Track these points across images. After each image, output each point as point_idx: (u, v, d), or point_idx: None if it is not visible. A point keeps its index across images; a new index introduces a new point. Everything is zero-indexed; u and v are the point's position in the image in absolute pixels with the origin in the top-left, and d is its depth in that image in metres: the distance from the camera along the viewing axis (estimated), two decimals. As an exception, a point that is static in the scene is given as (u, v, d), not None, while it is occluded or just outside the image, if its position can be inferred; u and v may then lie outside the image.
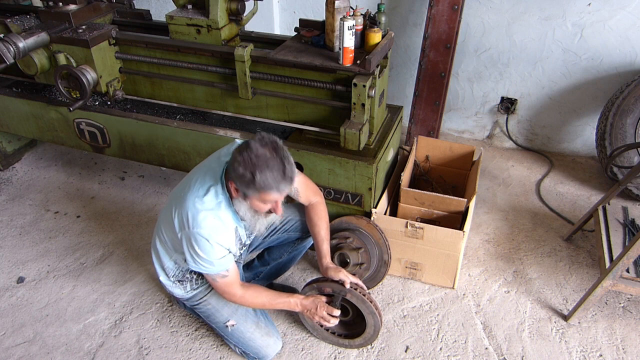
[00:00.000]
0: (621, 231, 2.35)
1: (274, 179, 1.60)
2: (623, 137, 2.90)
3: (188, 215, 1.73)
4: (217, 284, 1.86)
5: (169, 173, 3.36)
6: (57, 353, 2.23)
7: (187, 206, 1.74)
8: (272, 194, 1.64)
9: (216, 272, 1.81)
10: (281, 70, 2.34)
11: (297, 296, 2.01)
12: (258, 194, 1.64)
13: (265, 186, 1.60)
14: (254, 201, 1.70)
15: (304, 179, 2.05)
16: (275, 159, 1.61)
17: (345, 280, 2.00)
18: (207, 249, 1.73)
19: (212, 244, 1.72)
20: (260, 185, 1.60)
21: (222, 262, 1.79)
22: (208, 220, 1.72)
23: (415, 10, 3.33)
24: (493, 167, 3.39)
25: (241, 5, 2.40)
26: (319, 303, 1.99)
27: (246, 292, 1.91)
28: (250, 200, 1.70)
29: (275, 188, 1.62)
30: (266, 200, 1.68)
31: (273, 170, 1.60)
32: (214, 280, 1.86)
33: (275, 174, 1.60)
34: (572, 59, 3.14)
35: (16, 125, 2.98)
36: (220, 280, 1.84)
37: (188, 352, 2.22)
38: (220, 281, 1.85)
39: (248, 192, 1.65)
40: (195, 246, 1.73)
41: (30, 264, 2.68)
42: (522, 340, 2.24)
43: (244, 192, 1.67)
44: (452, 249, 2.33)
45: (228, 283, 1.86)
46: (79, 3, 2.64)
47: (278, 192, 1.64)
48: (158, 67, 2.57)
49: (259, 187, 1.61)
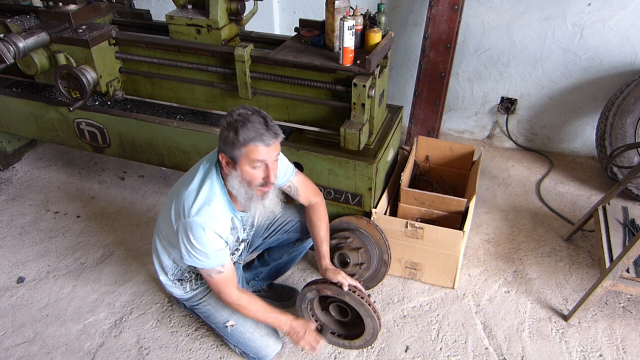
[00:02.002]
0: (621, 231, 2.35)
1: (257, 131, 1.61)
2: (623, 137, 2.90)
3: (184, 204, 1.73)
4: (214, 281, 1.84)
5: (169, 173, 3.36)
6: (57, 353, 2.23)
7: (183, 197, 1.74)
8: (258, 147, 1.62)
9: (211, 266, 1.79)
10: (281, 70, 2.34)
11: (288, 316, 1.98)
12: (244, 150, 1.62)
13: (249, 139, 1.60)
14: (244, 166, 1.66)
15: (304, 179, 2.05)
16: (256, 115, 1.63)
17: (344, 282, 1.99)
18: (202, 237, 1.71)
19: (208, 232, 1.71)
20: (244, 139, 1.60)
21: (217, 254, 1.77)
22: (203, 209, 1.71)
23: (415, 10, 3.33)
24: (493, 167, 3.39)
25: (241, 5, 2.40)
26: (307, 328, 1.98)
27: (242, 296, 1.89)
28: (240, 167, 1.67)
29: (259, 139, 1.61)
30: (254, 161, 1.65)
31: (255, 123, 1.61)
32: (209, 277, 1.83)
33: (258, 126, 1.61)
34: (572, 59, 3.14)
35: (16, 125, 2.98)
36: (216, 277, 1.82)
37: (188, 352, 2.22)
38: (216, 277, 1.82)
39: (235, 153, 1.64)
40: (190, 235, 1.71)
41: (30, 264, 2.68)
42: (522, 340, 2.24)
43: (232, 158, 1.66)
44: (452, 249, 2.33)
45: (224, 280, 1.84)
46: (79, 3, 2.64)
47: (263, 143, 1.62)
48: (158, 67, 2.58)
49: (243, 141, 1.60)
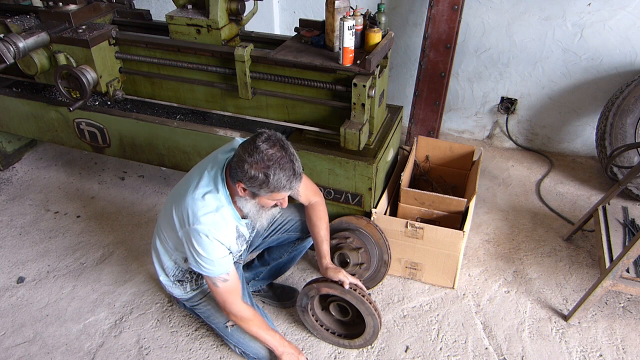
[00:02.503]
0: (621, 231, 2.35)
1: (287, 179, 1.62)
2: (623, 137, 2.90)
3: (188, 212, 1.73)
4: (219, 290, 1.83)
5: (169, 173, 3.36)
6: (57, 353, 2.23)
7: (187, 203, 1.74)
8: (284, 192, 1.68)
9: (217, 274, 1.79)
10: (281, 70, 2.34)
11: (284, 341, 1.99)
12: (270, 193, 1.66)
13: (278, 186, 1.63)
14: (263, 199, 1.71)
15: (304, 179, 2.05)
16: (285, 157, 1.62)
17: (345, 281, 2.00)
18: (206, 245, 1.72)
19: (212, 240, 1.71)
20: (274, 186, 1.62)
21: (222, 262, 1.77)
22: (208, 217, 1.71)
23: (415, 10, 3.33)
24: (493, 167, 3.39)
25: (241, 5, 2.40)
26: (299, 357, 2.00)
27: (246, 309, 1.89)
28: (259, 198, 1.72)
29: (288, 187, 1.65)
30: (276, 198, 1.71)
31: (285, 169, 1.61)
32: (214, 285, 1.82)
33: (288, 173, 1.62)
34: (572, 59, 3.14)
35: (16, 125, 2.98)
36: (221, 286, 1.81)
37: (188, 352, 2.22)
38: (221, 286, 1.81)
39: (260, 192, 1.67)
40: (195, 243, 1.72)
41: (30, 264, 2.68)
42: (522, 340, 2.24)
43: (253, 192, 1.68)
44: (452, 249, 2.33)
45: (229, 290, 1.83)
46: (79, 3, 2.64)
47: (290, 190, 1.68)
48: (158, 67, 2.57)
49: (272, 188, 1.63)
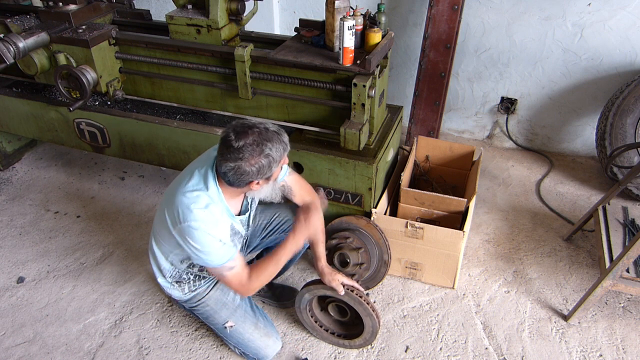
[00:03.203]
0: (621, 231, 2.35)
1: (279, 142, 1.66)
2: (623, 137, 2.90)
3: (178, 210, 1.71)
4: (227, 279, 1.80)
5: (169, 173, 3.36)
6: (57, 353, 2.23)
7: (177, 202, 1.72)
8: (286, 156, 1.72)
9: (221, 263, 1.75)
10: (281, 70, 2.34)
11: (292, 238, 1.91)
12: (278, 165, 1.70)
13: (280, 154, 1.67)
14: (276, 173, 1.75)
15: (299, 179, 2.04)
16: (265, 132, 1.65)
17: (339, 289, 2.00)
18: (200, 239, 1.70)
19: (205, 233, 1.70)
20: (278, 157, 1.67)
21: (221, 250, 1.74)
22: (198, 213, 1.69)
23: (415, 10, 3.33)
24: (493, 167, 3.39)
25: (241, 5, 2.40)
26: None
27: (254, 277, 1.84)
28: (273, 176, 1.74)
29: (286, 144, 1.70)
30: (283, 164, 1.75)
31: (273, 140, 1.65)
32: (222, 276, 1.79)
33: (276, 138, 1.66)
34: (572, 59, 3.14)
35: (16, 125, 2.98)
36: (228, 274, 1.78)
37: (188, 352, 2.22)
38: (228, 275, 1.78)
39: (272, 172, 1.70)
40: (190, 239, 1.70)
41: (30, 264, 2.68)
42: (522, 340, 2.24)
43: (268, 177, 1.71)
44: (452, 249, 2.33)
45: (237, 276, 1.80)
46: (79, 3, 2.64)
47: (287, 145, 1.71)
48: (158, 67, 2.57)
49: (277, 159, 1.67)
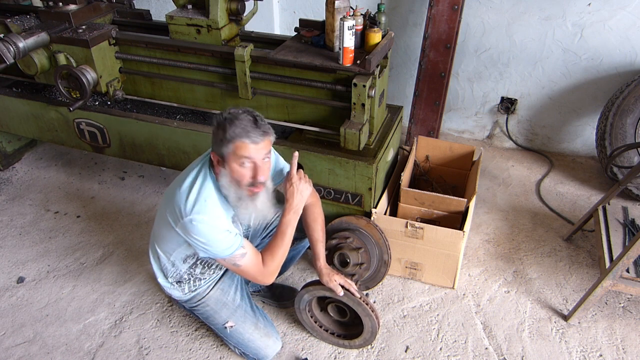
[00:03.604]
0: (621, 231, 2.35)
1: (244, 128, 1.62)
2: (623, 137, 2.90)
3: (179, 206, 1.71)
4: (242, 269, 1.78)
5: (169, 173, 3.36)
6: (57, 353, 2.23)
7: (177, 199, 1.73)
8: (244, 143, 1.62)
9: (231, 252, 1.73)
10: (281, 70, 2.34)
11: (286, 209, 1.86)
12: (232, 147, 1.63)
13: (235, 135, 1.61)
14: (232, 164, 1.66)
15: None
16: (246, 114, 1.65)
17: (337, 290, 2.00)
18: (205, 231, 1.69)
19: (208, 224, 1.69)
20: (231, 135, 1.62)
21: (230, 238, 1.72)
22: (197, 206, 1.69)
23: (415, 10, 3.33)
24: (493, 167, 3.39)
25: (241, 5, 2.40)
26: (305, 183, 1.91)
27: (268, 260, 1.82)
28: (228, 164, 1.67)
29: (246, 136, 1.62)
30: (241, 157, 1.64)
31: (243, 120, 1.63)
32: (236, 266, 1.77)
33: (245, 124, 1.63)
34: (572, 59, 3.14)
35: (16, 125, 2.98)
36: (242, 262, 1.76)
37: (188, 352, 2.22)
38: (243, 263, 1.76)
39: (223, 150, 1.65)
40: (194, 234, 1.70)
41: (30, 264, 2.68)
42: (522, 340, 2.24)
43: (221, 155, 1.67)
44: (452, 249, 2.33)
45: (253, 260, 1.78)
46: (79, 3, 2.64)
47: (250, 140, 1.62)
48: (158, 67, 2.57)
49: (230, 138, 1.62)
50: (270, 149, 1.72)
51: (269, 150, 1.72)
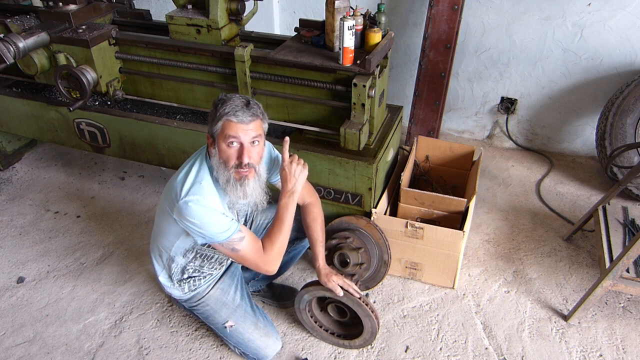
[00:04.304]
0: (621, 231, 2.35)
1: (233, 107, 1.65)
2: (623, 137, 2.90)
3: (176, 190, 1.73)
4: (243, 253, 1.76)
5: (169, 173, 3.36)
6: (57, 353, 2.23)
7: (174, 185, 1.76)
8: (232, 122, 1.64)
9: (228, 236, 1.72)
10: (281, 70, 2.34)
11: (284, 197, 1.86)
12: (220, 125, 1.66)
13: (224, 113, 1.64)
14: (220, 143, 1.68)
15: None
16: (240, 97, 1.68)
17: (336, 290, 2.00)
18: (199, 212, 1.68)
19: (203, 205, 1.69)
20: (220, 113, 1.65)
21: (225, 221, 1.72)
22: (193, 188, 1.71)
23: (415, 10, 3.33)
24: (493, 167, 3.39)
25: (241, 5, 2.40)
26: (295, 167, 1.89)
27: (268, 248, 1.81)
28: (217, 143, 1.69)
29: (233, 115, 1.63)
30: (228, 137, 1.65)
31: (234, 101, 1.66)
32: (234, 251, 1.76)
33: (236, 103, 1.66)
34: (572, 59, 3.14)
35: (16, 125, 2.98)
36: (241, 247, 1.75)
37: (188, 352, 2.22)
38: (241, 248, 1.75)
39: (214, 129, 1.68)
40: (189, 216, 1.69)
41: (30, 264, 2.68)
42: (522, 340, 2.24)
43: (212, 135, 1.71)
44: (452, 249, 2.33)
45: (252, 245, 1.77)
46: (79, 3, 2.64)
47: (237, 119, 1.63)
48: (158, 67, 2.58)
49: (219, 116, 1.65)
50: (260, 133, 1.72)
51: (259, 134, 1.71)
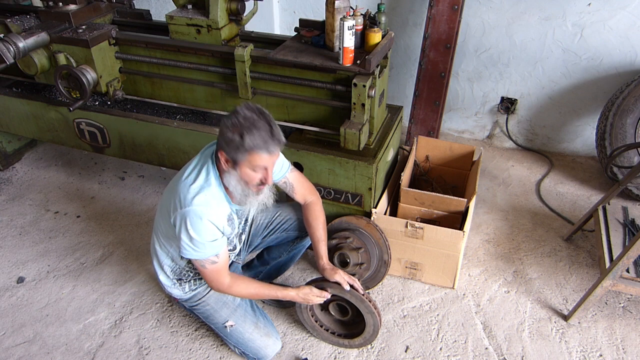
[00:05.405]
0: (621, 231, 2.35)
1: (262, 139, 1.61)
2: (623, 137, 2.90)
3: (180, 195, 1.73)
4: (206, 271, 1.83)
5: (169, 173, 3.36)
6: (57, 353, 2.23)
7: (178, 189, 1.75)
8: (262, 154, 1.64)
9: (206, 256, 1.78)
10: (281, 70, 2.34)
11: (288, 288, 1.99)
12: (247, 156, 1.64)
13: (254, 146, 1.61)
14: (244, 169, 1.68)
15: (300, 177, 2.05)
16: (262, 120, 1.63)
17: (342, 282, 2.00)
18: (199, 227, 1.71)
19: (205, 222, 1.70)
20: (249, 146, 1.61)
21: (213, 245, 1.77)
22: (199, 197, 1.71)
23: (415, 10, 3.33)
24: (493, 167, 3.39)
25: (241, 5, 2.40)
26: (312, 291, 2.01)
27: (235, 282, 1.89)
28: (240, 168, 1.68)
29: (264, 148, 1.62)
30: (256, 166, 1.67)
31: (261, 130, 1.61)
32: (202, 267, 1.82)
33: (263, 134, 1.62)
34: (572, 59, 3.14)
35: (16, 125, 2.98)
36: (209, 267, 1.81)
37: (188, 352, 2.22)
38: (209, 268, 1.82)
39: (237, 156, 1.65)
40: (188, 225, 1.71)
41: (30, 264, 2.68)
42: (522, 340, 2.24)
43: (233, 159, 1.67)
44: (452, 249, 2.33)
45: (217, 270, 1.83)
46: (79, 3, 2.64)
47: (267, 152, 1.64)
48: (158, 67, 2.57)
49: (248, 148, 1.61)
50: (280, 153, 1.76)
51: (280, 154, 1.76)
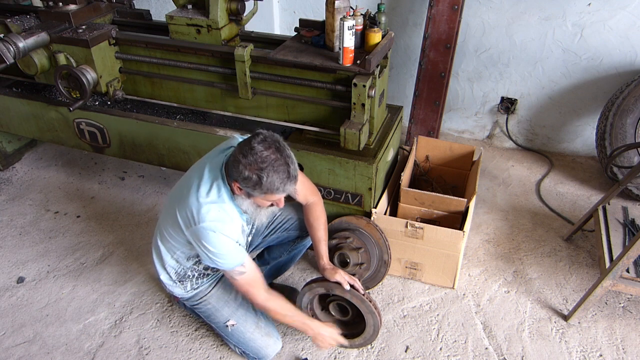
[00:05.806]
0: (621, 231, 2.35)
1: (281, 181, 1.64)
2: (623, 137, 2.90)
3: (192, 211, 1.74)
4: (238, 283, 1.83)
5: (169, 173, 3.36)
6: (57, 353, 2.23)
7: (191, 203, 1.75)
8: (278, 194, 1.69)
9: (231, 266, 1.79)
10: (281, 70, 2.34)
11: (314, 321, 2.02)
12: (263, 195, 1.68)
13: (271, 188, 1.64)
14: (258, 200, 1.74)
15: (302, 178, 2.05)
16: (280, 159, 1.63)
17: (343, 281, 2.00)
18: (214, 241, 1.73)
19: (219, 235, 1.72)
20: (267, 188, 1.64)
21: (233, 254, 1.77)
22: (212, 213, 1.72)
23: (415, 10, 3.33)
24: (493, 167, 3.39)
25: (241, 5, 2.40)
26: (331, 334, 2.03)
27: (270, 299, 1.89)
28: (254, 199, 1.74)
29: (282, 190, 1.67)
30: (271, 199, 1.73)
31: (279, 172, 1.63)
32: (233, 279, 1.83)
33: (282, 176, 1.63)
34: (572, 59, 3.14)
35: (16, 125, 2.98)
36: (239, 278, 1.81)
37: (188, 352, 2.22)
38: (239, 279, 1.81)
39: (254, 193, 1.69)
40: (204, 241, 1.73)
41: (30, 264, 2.68)
42: (522, 340, 2.24)
43: (248, 192, 1.71)
44: (452, 249, 2.33)
45: (248, 282, 1.83)
46: (79, 3, 2.64)
47: (284, 192, 1.70)
48: (158, 67, 2.57)
49: (265, 190, 1.65)
50: None
51: None
